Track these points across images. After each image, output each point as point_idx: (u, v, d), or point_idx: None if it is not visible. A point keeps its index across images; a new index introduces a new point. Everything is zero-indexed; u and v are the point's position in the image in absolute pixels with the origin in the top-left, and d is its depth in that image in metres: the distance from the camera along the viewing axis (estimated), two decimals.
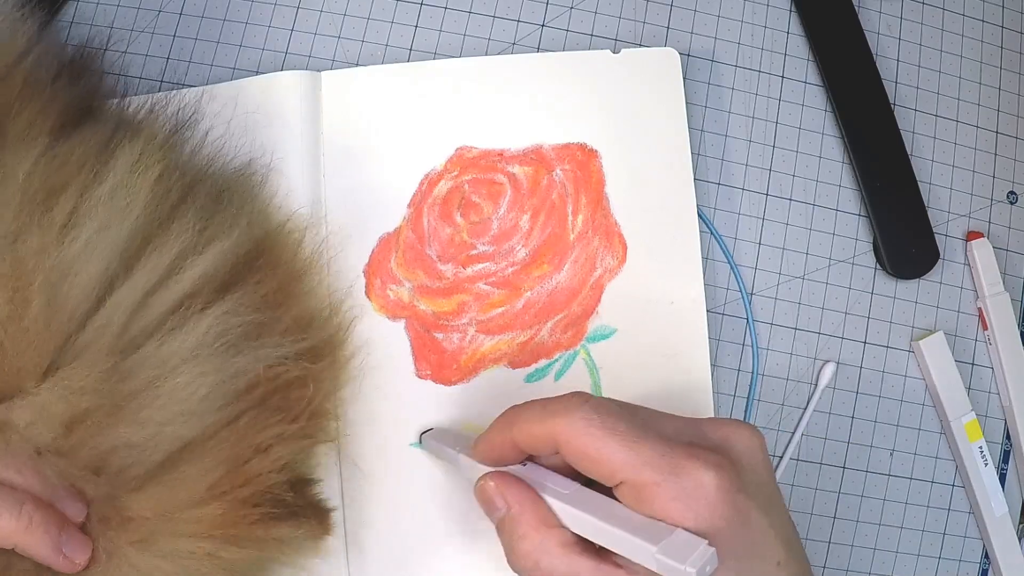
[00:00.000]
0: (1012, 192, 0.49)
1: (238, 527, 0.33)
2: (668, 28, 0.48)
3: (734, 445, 0.33)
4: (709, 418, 0.35)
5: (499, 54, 0.47)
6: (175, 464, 0.33)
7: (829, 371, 0.46)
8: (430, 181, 0.44)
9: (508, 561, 0.33)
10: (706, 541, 0.28)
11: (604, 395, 0.43)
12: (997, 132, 0.50)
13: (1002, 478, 0.47)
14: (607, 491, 0.32)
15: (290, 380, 0.36)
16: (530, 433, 0.33)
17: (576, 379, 0.43)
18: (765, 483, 0.33)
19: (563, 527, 0.32)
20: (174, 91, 0.42)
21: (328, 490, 0.42)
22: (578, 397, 0.33)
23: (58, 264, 0.31)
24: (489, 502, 0.34)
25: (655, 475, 0.30)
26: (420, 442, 0.42)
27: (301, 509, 0.36)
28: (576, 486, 0.33)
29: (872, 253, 0.48)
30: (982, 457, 0.46)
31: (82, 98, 0.37)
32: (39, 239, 0.31)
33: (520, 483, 0.34)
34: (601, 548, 0.31)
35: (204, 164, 0.39)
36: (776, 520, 0.32)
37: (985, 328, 0.48)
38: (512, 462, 0.35)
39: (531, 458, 0.35)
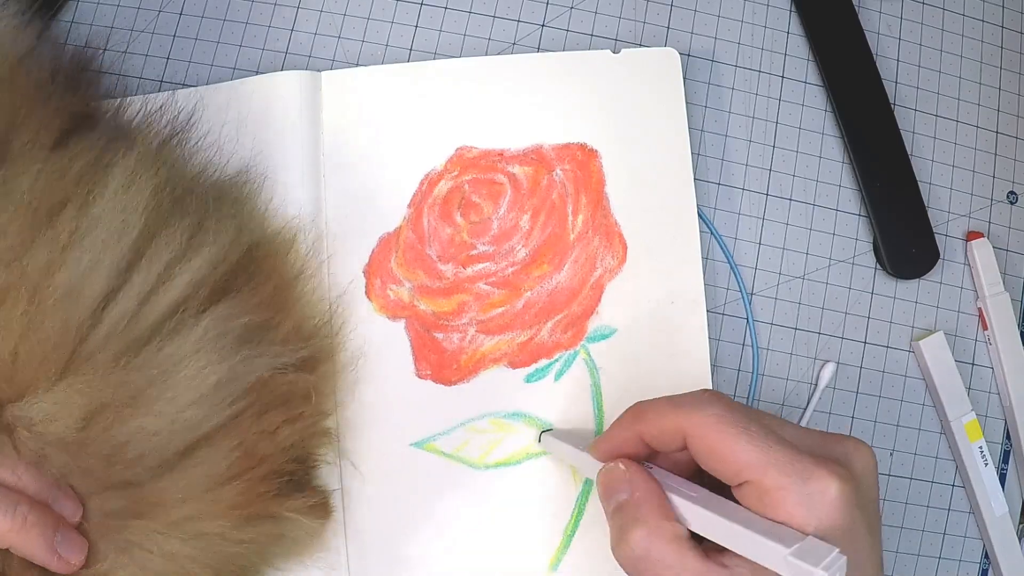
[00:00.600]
0: (1012, 192, 0.49)
1: (255, 505, 0.34)
2: (668, 28, 0.48)
3: (854, 462, 0.33)
4: (830, 432, 0.35)
5: (499, 54, 0.47)
6: (193, 451, 0.33)
7: (829, 371, 0.46)
8: (430, 181, 0.44)
9: (615, 547, 0.34)
10: (837, 549, 0.28)
11: (604, 395, 0.43)
12: (997, 132, 0.50)
13: (1002, 478, 0.47)
14: (726, 491, 0.33)
15: (291, 389, 0.37)
16: (660, 426, 0.34)
17: (576, 379, 0.44)
18: (874, 502, 0.33)
19: (679, 523, 0.33)
20: (171, 93, 0.42)
21: (328, 489, 0.42)
22: (710, 394, 0.34)
23: (66, 281, 0.32)
24: (613, 485, 0.35)
25: (782, 478, 0.31)
26: (539, 440, 0.43)
27: (307, 483, 0.37)
28: (700, 488, 0.34)
29: (872, 253, 0.48)
30: (982, 457, 0.46)
31: (81, 102, 0.37)
32: (46, 256, 0.32)
33: (647, 473, 0.34)
34: (708, 551, 0.32)
35: (197, 172, 0.40)
36: (876, 541, 0.32)
37: (985, 328, 0.48)
38: (634, 459, 0.36)
39: (650, 457, 0.36)
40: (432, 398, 0.43)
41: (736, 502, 0.32)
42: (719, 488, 0.33)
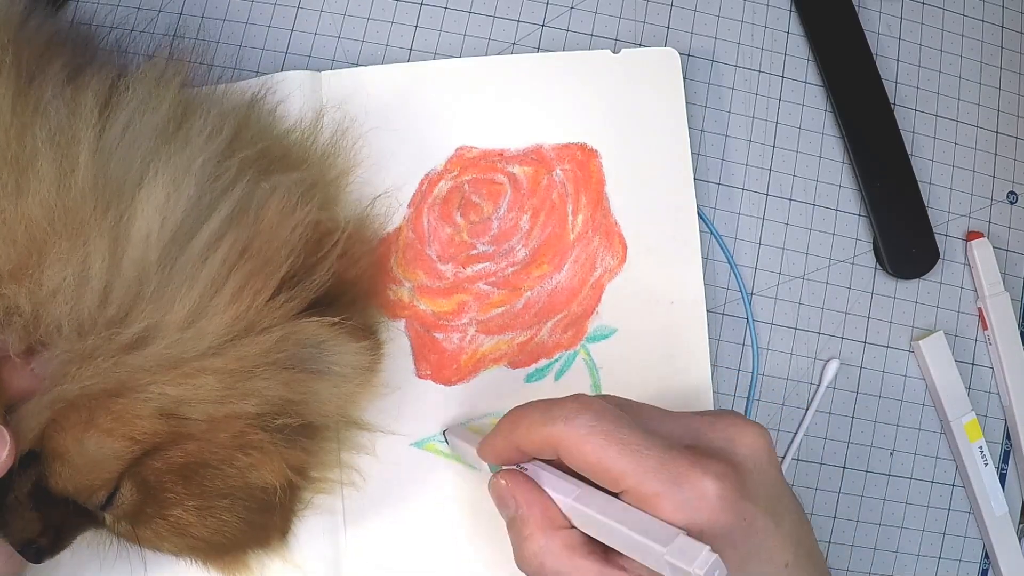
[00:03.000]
0: (1012, 192, 0.49)
1: (256, 305, 0.33)
2: (668, 28, 0.48)
3: (738, 448, 0.32)
4: (714, 414, 0.34)
5: (499, 54, 0.47)
6: (188, 254, 0.33)
7: (832, 368, 0.46)
8: (430, 181, 0.44)
9: (516, 561, 0.33)
10: (708, 547, 0.28)
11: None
12: (997, 132, 0.50)
13: (1002, 478, 0.47)
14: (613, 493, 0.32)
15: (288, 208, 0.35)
16: (531, 439, 0.33)
17: (576, 379, 0.44)
18: (771, 484, 0.32)
19: (570, 528, 0.32)
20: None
21: (327, 489, 0.42)
22: (579, 403, 0.32)
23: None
24: (502, 500, 0.34)
25: (657, 485, 0.30)
26: (444, 437, 0.42)
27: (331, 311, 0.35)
28: (584, 486, 0.33)
29: (872, 253, 0.48)
30: (982, 457, 0.46)
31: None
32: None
33: (530, 483, 0.34)
34: (607, 551, 0.31)
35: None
36: (784, 521, 0.32)
37: (985, 328, 0.48)
38: (518, 463, 0.35)
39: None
40: (432, 398, 0.43)
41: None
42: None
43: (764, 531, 0.31)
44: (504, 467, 0.35)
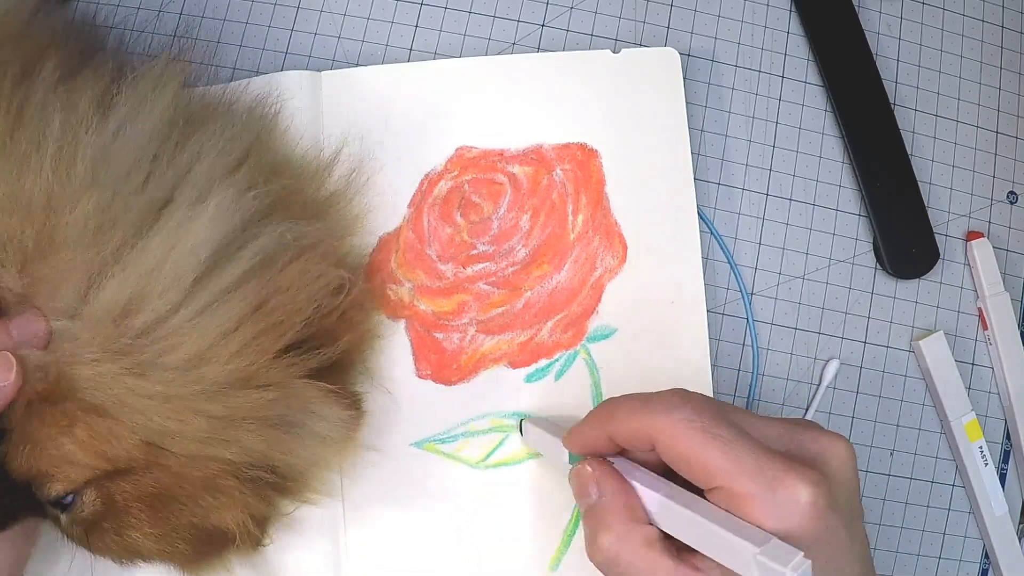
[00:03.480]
0: (1012, 192, 0.49)
1: (261, 360, 0.33)
2: (668, 28, 0.48)
3: (829, 460, 0.33)
4: (805, 423, 0.34)
5: (499, 54, 0.47)
6: (200, 297, 0.33)
7: (832, 368, 0.46)
8: (430, 181, 0.44)
9: (587, 550, 0.33)
10: (801, 553, 0.28)
11: (604, 395, 0.43)
12: (997, 132, 0.50)
13: (1002, 478, 0.47)
14: (699, 491, 0.32)
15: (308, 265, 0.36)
16: (628, 429, 0.33)
17: (576, 379, 0.44)
18: (852, 499, 0.33)
19: (649, 524, 0.32)
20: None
21: (328, 489, 0.42)
22: (679, 396, 0.33)
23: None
24: (583, 488, 0.34)
25: (752, 486, 0.30)
26: (520, 429, 0.42)
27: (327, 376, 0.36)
28: (671, 484, 0.33)
29: (872, 253, 0.48)
30: (982, 457, 0.46)
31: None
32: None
33: (615, 473, 0.34)
34: (681, 552, 0.31)
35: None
36: (857, 536, 0.32)
37: (985, 328, 0.48)
38: (605, 455, 0.35)
39: (623, 452, 0.36)
40: (432, 398, 0.43)
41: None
42: (693, 486, 0.33)
43: (841, 545, 0.31)
44: (589, 456, 0.35)
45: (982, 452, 0.46)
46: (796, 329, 0.47)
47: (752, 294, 0.47)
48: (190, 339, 0.32)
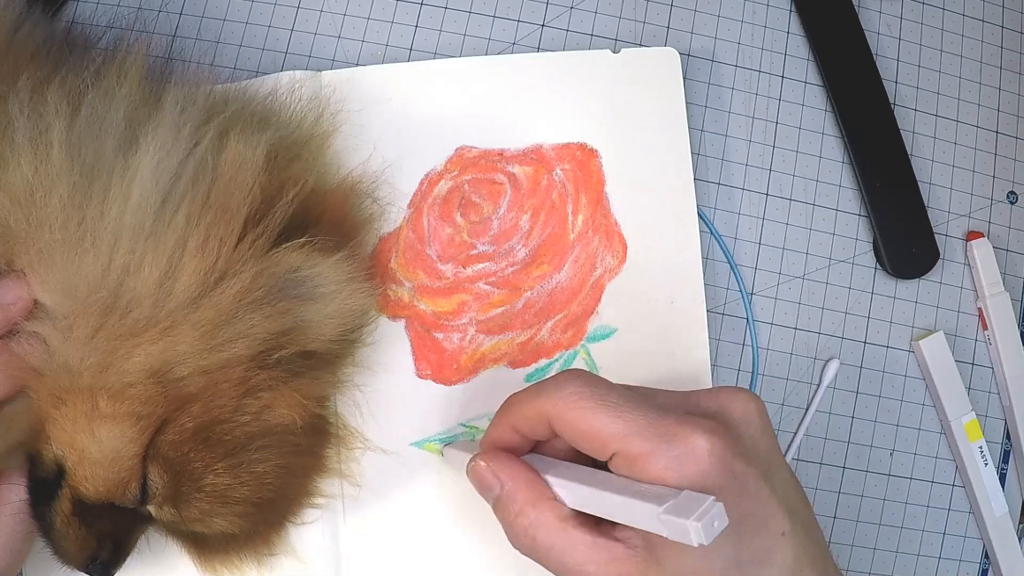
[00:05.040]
0: (1012, 192, 0.49)
1: (234, 261, 0.33)
2: (668, 28, 0.48)
3: (731, 413, 0.32)
4: (705, 388, 0.34)
5: (499, 54, 0.47)
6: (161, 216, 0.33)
7: (833, 368, 0.46)
8: (430, 181, 0.44)
9: (509, 540, 0.33)
10: (712, 497, 0.27)
11: None
12: (997, 132, 0.50)
13: (1002, 478, 0.47)
14: (603, 466, 0.32)
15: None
16: (523, 414, 0.33)
17: None
18: (765, 450, 0.32)
19: (559, 502, 0.32)
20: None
21: (328, 490, 0.42)
22: (568, 374, 0.33)
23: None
24: (482, 481, 0.34)
25: (646, 444, 0.30)
26: (442, 454, 0.42)
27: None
28: (570, 464, 0.33)
29: (872, 253, 0.48)
30: (982, 457, 0.46)
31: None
32: None
33: (513, 459, 0.34)
34: (598, 522, 0.31)
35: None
36: (779, 488, 0.31)
37: (985, 328, 0.48)
38: (517, 453, 0.35)
39: (535, 448, 0.36)
40: (432, 398, 0.43)
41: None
42: (601, 465, 0.33)
43: (757, 495, 0.30)
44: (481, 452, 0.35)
45: (982, 452, 0.46)
46: (796, 329, 0.47)
47: (752, 294, 0.47)
48: (151, 259, 0.32)
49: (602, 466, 0.32)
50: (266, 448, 0.34)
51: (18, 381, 0.33)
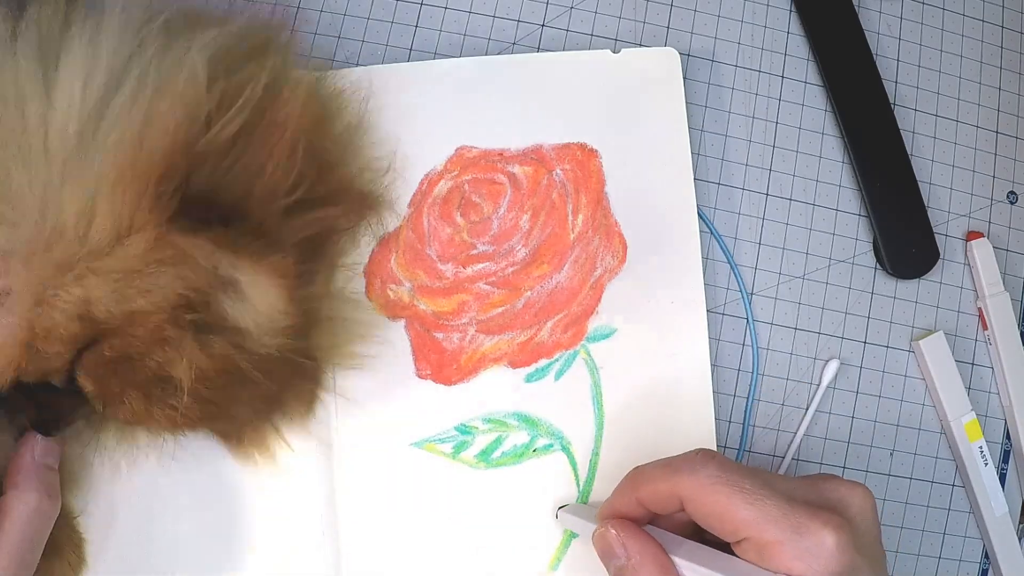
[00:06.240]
0: (1012, 192, 0.49)
1: (141, 215, 0.31)
2: (668, 28, 0.48)
3: (849, 506, 0.33)
4: (823, 476, 0.36)
5: (499, 54, 0.47)
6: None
7: (832, 368, 0.46)
8: (430, 181, 0.44)
9: None
10: None
11: (605, 395, 0.43)
12: (997, 132, 0.50)
13: (1002, 478, 0.47)
14: (726, 547, 0.33)
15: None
16: (655, 491, 0.35)
17: (576, 379, 0.44)
18: (874, 543, 0.34)
19: None
20: None
21: (325, 490, 0.42)
22: (703, 455, 0.34)
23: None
24: (609, 550, 0.35)
25: (779, 533, 0.31)
26: (556, 516, 0.42)
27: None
28: (702, 547, 0.34)
29: (872, 253, 0.48)
30: (982, 457, 0.46)
31: None
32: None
33: (642, 532, 0.35)
34: None
35: None
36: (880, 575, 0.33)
37: (985, 328, 0.48)
38: (637, 523, 0.36)
39: (653, 520, 0.37)
40: (432, 398, 0.43)
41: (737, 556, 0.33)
42: (720, 544, 0.34)
43: None
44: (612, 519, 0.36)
45: (982, 452, 0.46)
46: (796, 329, 0.47)
47: (752, 294, 0.47)
48: (68, 201, 0.31)
49: (725, 546, 0.33)
50: (178, 391, 0.34)
51: None
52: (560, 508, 0.42)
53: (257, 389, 0.36)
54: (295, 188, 0.34)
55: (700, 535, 0.35)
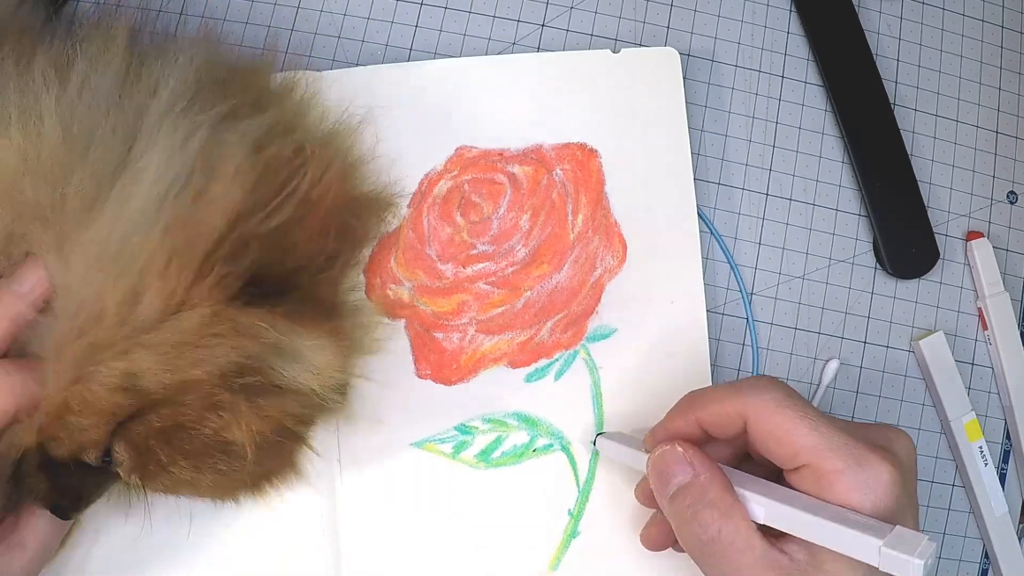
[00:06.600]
0: (1012, 192, 0.49)
1: (194, 293, 0.32)
2: (668, 28, 0.48)
3: (897, 448, 0.34)
4: (870, 423, 0.36)
5: (499, 54, 0.47)
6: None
7: (832, 368, 0.46)
8: (430, 181, 0.44)
9: (679, 530, 0.34)
10: (927, 537, 0.29)
11: (604, 395, 0.43)
12: (997, 132, 0.50)
13: (1002, 478, 0.47)
14: (776, 476, 0.34)
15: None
16: (719, 411, 0.35)
17: (576, 379, 0.44)
18: (914, 489, 0.34)
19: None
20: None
21: (325, 490, 0.42)
22: (768, 379, 0.35)
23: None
24: (669, 468, 0.35)
25: (839, 463, 0.32)
26: (594, 443, 0.42)
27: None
28: (758, 478, 0.34)
29: (872, 253, 0.48)
30: (982, 457, 0.46)
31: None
32: None
33: (706, 454, 0.35)
34: (766, 534, 0.32)
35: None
36: (916, 524, 0.33)
37: (985, 328, 0.48)
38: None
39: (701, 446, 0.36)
40: (432, 398, 0.43)
41: (789, 487, 0.33)
42: (769, 478, 0.34)
43: (907, 524, 0.32)
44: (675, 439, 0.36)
45: (982, 452, 0.46)
46: (796, 329, 0.47)
47: (752, 294, 0.47)
48: (109, 291, 0.32)
49: (770, 478, 0.34)
50: (227, 456, 0.35)
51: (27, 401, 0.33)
52: (598, 434, 0.42)
53: (289, 443, 0.37)
54: (332, 261, 0.36)
55: (747, 460, 0.35)
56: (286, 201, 0.34)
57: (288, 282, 0.34)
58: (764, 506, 0.32)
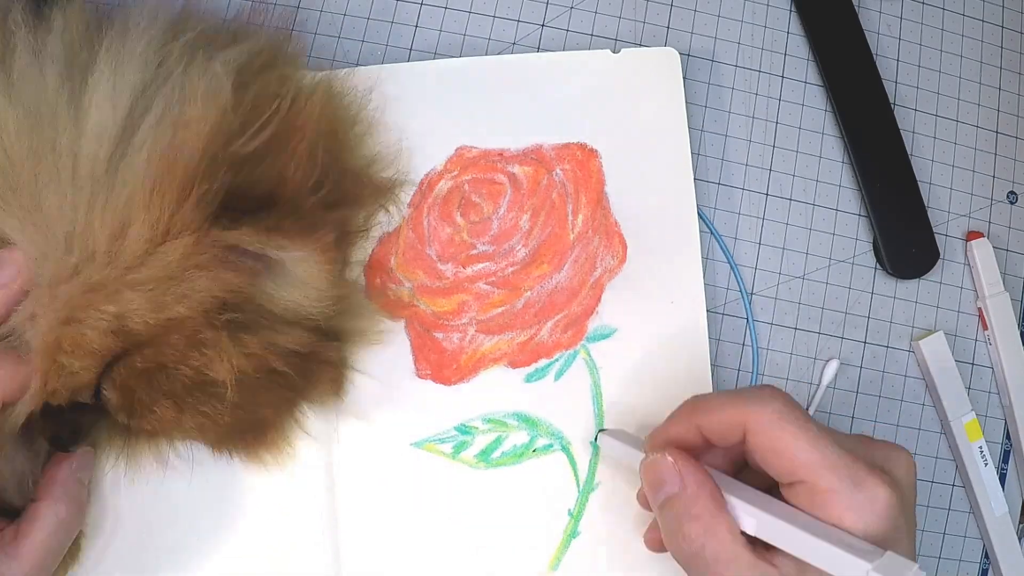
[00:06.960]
0: (1012, 192, 0.49)
1: (177, 221, 0.32)
2: (668, 28, 0.48)
3: (896, 468, 0.33)
4: (868, 437, 0.35)
5: (499, 54, 0.47)
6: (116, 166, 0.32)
7: (832, 368, 0.46)
8: (430, 181, 0.44)
9: (668, 540, 0.34)
10: (916, 565, 0.29)
11: (604, 395, 0.43)
12: (997, 132, 0.50)
13: (1002, 478, 0.47)
14: (772, 491, 0.33)
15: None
16: (719, 419, 0.34)
17: (576, 379, 0.44)
18: (912, 510, 0.34)
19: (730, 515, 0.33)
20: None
21: (325, 490, 0.42)
22: (771, 390, 0.34)
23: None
24: (660, 477, 0.34)
25: (836, 482, 0.31)
26: (595, 439, 0.42)
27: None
28: (752, 489, 0.34)
29: (872, 253, 0.48)
30: (982, 457, 0.46)
31: None
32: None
33: (698, 464, 0.34)
34: (755, 545, 0.32)
35: None
36: (913, 545, 0.33)
37: (985, 328, 0.48)
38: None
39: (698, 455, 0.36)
40: (432, 398, 0.43)
41: (784, 501, 0.33)
42: (763, 489, 0.34)
43: (904, 549, 0.32)
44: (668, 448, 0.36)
45: (982, 452, 0.46)
46: (796, 329, 0.47)
47: (752, 294, 0.47)
48: (101, 215, 0.31)
49: (770, 488, 0.33)
50: (212, 396, 0.35)
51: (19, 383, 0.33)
52: (600, 431, 0.42)
53: (281, 390, 0.37)
54: (318, 188, 0.35)
55: (742, 477, 0.35)
56: (268, 121, 0.34)
57: (273, 201, 0.34)
58: (756, 518, 0.32)
